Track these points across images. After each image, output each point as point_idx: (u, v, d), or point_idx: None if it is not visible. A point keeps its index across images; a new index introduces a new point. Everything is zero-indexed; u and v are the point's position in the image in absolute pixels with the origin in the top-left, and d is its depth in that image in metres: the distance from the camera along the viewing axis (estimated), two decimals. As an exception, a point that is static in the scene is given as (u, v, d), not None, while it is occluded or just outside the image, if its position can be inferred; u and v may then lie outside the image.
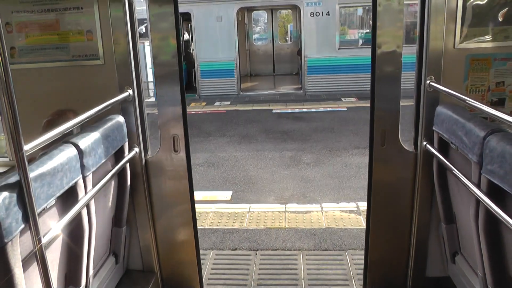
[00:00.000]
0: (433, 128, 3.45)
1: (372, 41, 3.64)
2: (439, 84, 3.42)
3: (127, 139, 3.65)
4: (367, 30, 18.73)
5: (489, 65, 3.58)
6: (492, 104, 3.63)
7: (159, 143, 3.88)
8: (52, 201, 2.36)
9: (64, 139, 2.75)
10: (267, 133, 11.19)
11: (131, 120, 3.75)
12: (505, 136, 2.41)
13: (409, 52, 4.01)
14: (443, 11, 3.47)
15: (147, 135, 3.99)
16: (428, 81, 3.50)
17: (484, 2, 3.51)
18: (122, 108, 3.71)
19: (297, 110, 13.65)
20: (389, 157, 3.71)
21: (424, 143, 3.58)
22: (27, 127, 2.24)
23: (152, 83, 16.90)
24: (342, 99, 14.83)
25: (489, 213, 2.49)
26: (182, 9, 15.65)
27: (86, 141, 2.85)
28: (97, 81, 3.75)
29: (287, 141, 10.41)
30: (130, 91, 3.69)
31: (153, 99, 17.44)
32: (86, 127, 3.09)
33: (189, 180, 3.94)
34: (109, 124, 3.33)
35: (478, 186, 2.62)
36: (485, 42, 3.54)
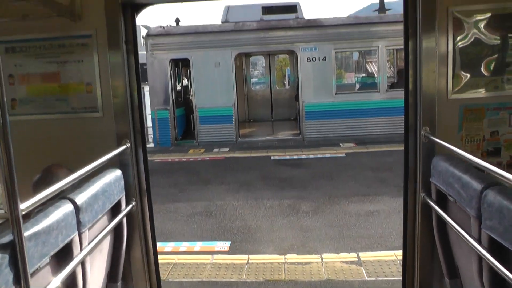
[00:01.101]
0: (431, 180, 3.42)
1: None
2: (434, 135, 3.43)
3: (124, 192, 3.63)
4: (363, 74, 19.01)
5: (482, 115, 3.60)
6: (488, 154, 3.64)
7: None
8: (46, 259, 2.33)
9: (61, 194, 2.73)
10: (265, 180, 11.14)
11: (128, 172, 3.74)
12: (502, 191, 2.39)
13: None
14: (435, 60, 3.52)
15: (145, 188, 3.97)
16: (423, 132, 3.50)
17: (473, 49, 3.57)
18: (120, 160, 3.71)
19: (295, 157, 13.65)
20: None
21: (422, 195, 3.55)
22: (22, 179, 2.24)
23: (151, 129, 17.02)
24: (340, 144, 14.85)
25: (493, 270, 2.43)
26: (181, 55, 15.97)
27: (83, 196, 2.83)
28: (96, 133, 3.77)
29: (285, 188, 10.34)
30: (128, 144, 3.70)
31: (151, 144, 17.56)
32: (83, 181, 3.08)
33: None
34: (106, 178, 3.32)
35: (479, 241, 2.57)
36: (477, 92, 3.58)
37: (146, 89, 16.78)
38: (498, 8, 3.53)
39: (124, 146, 3.65)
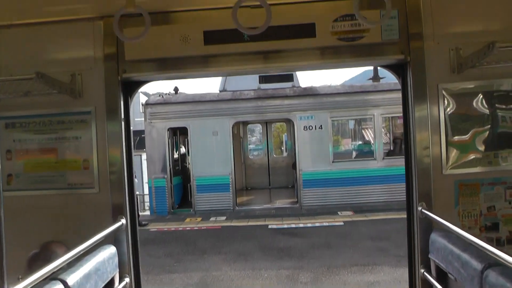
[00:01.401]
0: (429, 256, 3.39)
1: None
2: (431, 211, 3.42)
3: (118, 269, 3.57)
4: (360, 142, 19.17)
5: (478, 190, 3.62)
6: (487, 229, 3.62)
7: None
8: None
9: (53, 274, 2.68)
10: (263, 250, 10.96)
11: (123, 249, 3.70)
12: (503, 271, 2.36)
13: None
14: (427, 134, 3.59)
15: (139, 265, 3.91)
16: (419, 208, 3.50)
17: (465, 124, 3.64)
18: (115, 236, 3.68)
19: (293, 226, 13.51)
20: None
21: (422, 270, 3.50)
22: (17, 253, 2.20)
23: (148, 196, 16.94)
24: (339, 212, 14.75)
25: None
26: (179, 123, 16.12)
27: (74, 276, 2.77)
28: (92, 209, 3.77)
29: (283, 258, 10.17)
30: (123, 220, 3.69)
31: (148, 212, 17.41)
32: (77, 259, 3.03)
33: None
34: (100, 256, 3.26)
35: None
36: (471, 168, 3.61)
37: (143, 157, 16.85)
38: (487, 85, 3.64)
39: (120, 223, 3.64)
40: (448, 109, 3.64)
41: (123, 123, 3.82)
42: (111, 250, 3.47)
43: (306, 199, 15.92)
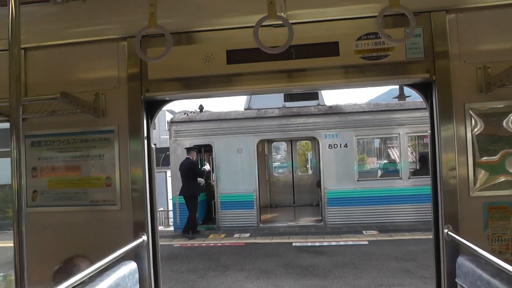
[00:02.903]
0: (456, 280, 3.30)
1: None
2: (458, 234, 3.34)
3: (138, 285, 3.58)
4: (385, 161, 18.98)
5: (508, 214, 3.51)
6: (519, 255, 3.51)
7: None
8: None
9: None
10: (286, 268, 10.87)
11: (144, 265, 3.72)
12: None
13: None
14: (454, 154, 3.53)
15: (159, 281, 3.91)
16: (446, 230, 3.42)
17: (494, 146, 3.56)
18: (135, 253, 3.70)
19: (317, 244, 13.37)
20: None
21: None
22: (42, 267, 2.21)
23: (172, 212, 17.01)
24: (363, 231, 14.56)
25: None
26: (204, 141, 16.24)
27: None
28: (113, 226, 3.81)
29: (307, 276, 10.06)
30: (145, 237, 3.71)
31: (172, 228, 17.47)
32: (98, 274, 3.05)
33: None
34: (121, 271, 3.29)
35: None
36: (500, 190, 3.52)
37: (168, 174, 16.93)
38: None
39: (141, 239, 3.67)
40: (476, 129, 3.56)
41: (145, 141, 3.86)
42: (131, 266, 3.49)
43: (331, 217, 15.78)
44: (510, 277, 2.58)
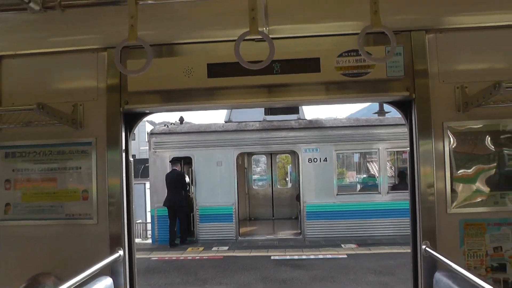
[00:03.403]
0: None
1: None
2: (435, 250, 3.37)
3: None
4: (364, 175, 19.11)
5: (483, 230, 3.57)
6: (493, 270, 3.56)
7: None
8: None
9: None
10: (264, 281, 10.81)
11: (120, 281, 3.67)
12: None
13: None
14: (432, 170, 3.57)
15: None
16: (424, 246, 3.45)
17: (470, 163, 3.61)
18: (111, 267, 3.64)
19: (296, 257, 13.34)
20: None
21: None
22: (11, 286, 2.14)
23: (151, 224, 16.84)
24: (342, 245, 14.59)
25: None
26: (184, 153, 16.14)
27: None
28: (89, 240, 3.74)
29: (285, 291, 10.04)
30: (121, 252, 3.65)
31: (149, 241, 17.27)
32: None
33: None
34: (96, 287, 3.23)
35: None
36: (476, 207, 3.57)
37: (147, 186, 16.79)
38: (493, 124, 3.62)
39: (117, 254, 3.61)
40: (454, 147, 3.62)
41: (123, 154, 3.82)
42: (107, 281, 3.43)
43: (310, 230, 15.78)
44: None
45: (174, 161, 15.78)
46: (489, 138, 3.62)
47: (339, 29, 3.70)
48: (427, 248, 3.44)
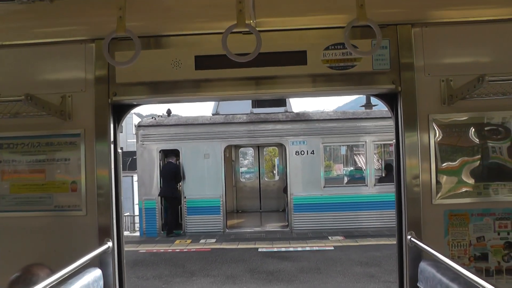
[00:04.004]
0: (418, 284, 3.39)
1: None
2: (420, 240, 3.43)
3: None
4: (352, 168, 19.23)
5: (467, 220, 3.64)
6: (476, 259, 3.63)
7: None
8: None
9: None
10: (252, 273, 10.88)
11: (108, 272, 3.68)
12: None
13: None
14: (417, 162, 3.62)
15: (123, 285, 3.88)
16: (409, 237, 3.51)
17: (455, 155, 3.67)
18: (100, 259, 3.65)
19: (283, 249, 13.42)
20: None
21: None
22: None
23: (139, 217, 16.81)
24: (329, 237, 14.69)
25: None
26: (171, 145, 16.11)
27: None
28: (78, 232, 3.74)
29: (272, 282, 10.10)
30: (110, 243, 3.66)
31: (137, 233, 17.25)
32: (61, 282, 2.99)
33: None
34: (85, 279, 3.23)
35: None
36: (460, 198, 3.63)
37: (135, 178, 16.74)
38: (477, 117, 3.68)
39: (106, 246, 3.62)
40: (439, 139, 3.68)
41: (112, 145, 3.82)
42: (96, 273, 3.44)
43: (297, 223, 15.87)
44: (466, 281, 2.69)
45: (170, 154, 16.10)
46: (473, 131, 3.68)
47: (326, 22, 3.72)
48: (412, 239, 3.50)
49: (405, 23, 3.71)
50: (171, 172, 15.86)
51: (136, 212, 19.46)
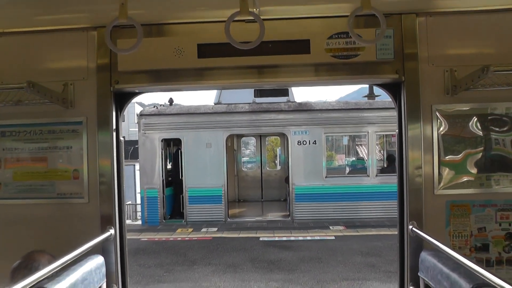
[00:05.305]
0: (419, 274, 3.40)
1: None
2: (422, 230, 3.43)
3: (105, 279, 3.55)
4: (353, 158, 19.21)
5: (469, 211, 3.64)
6: (477, 250, 3.64)
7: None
8: None
9: (38, 283, 2.65)
10: (253, 262, 10.94)
11: (111, 259, 3.69)
12: None
13: None
14: (420, 153, 3.62)
15: (127, 275, 3.90)
16: (410, 227, 3.51)
17: (457, 146, 3.66)
18: (103, 246, 3.66)
19: (284, 238, 13.47)
20: None
21: None
22: (2, 263, 2.16)
23: (140, 206, 16.85)
24: (330, 227, 14.73)
25: None
26: (173, 134, 16.10)
27: (61, 286, 2.75)
28: (80, 219, 3.76)
29: (273, 271, 10.15)
30: (112, 231, 3.68)
31: (139, 222, 17.31)
32: (64, 268, 3.00)
33: None
34: (87, 265, 3.25)
35: None
36: (462, 189, 3.63)
37: (137, 167, 16.76)
38: (481, 108, 3.67)
39: (108, 233, 3.63)
40: (442, 130, 3.67)
41: (114, 133, 3.81)
42: (98, 260, 3.46)
43: (298, 213, 15.90)
44: (467, 270, 2.69)
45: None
46: (476, 121, 3.67)
47: (330, 11, 3.70)
48: (413, 229, 3.51)
49: (409, 12, 3.68)
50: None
51: (138, 201, 19.50)
